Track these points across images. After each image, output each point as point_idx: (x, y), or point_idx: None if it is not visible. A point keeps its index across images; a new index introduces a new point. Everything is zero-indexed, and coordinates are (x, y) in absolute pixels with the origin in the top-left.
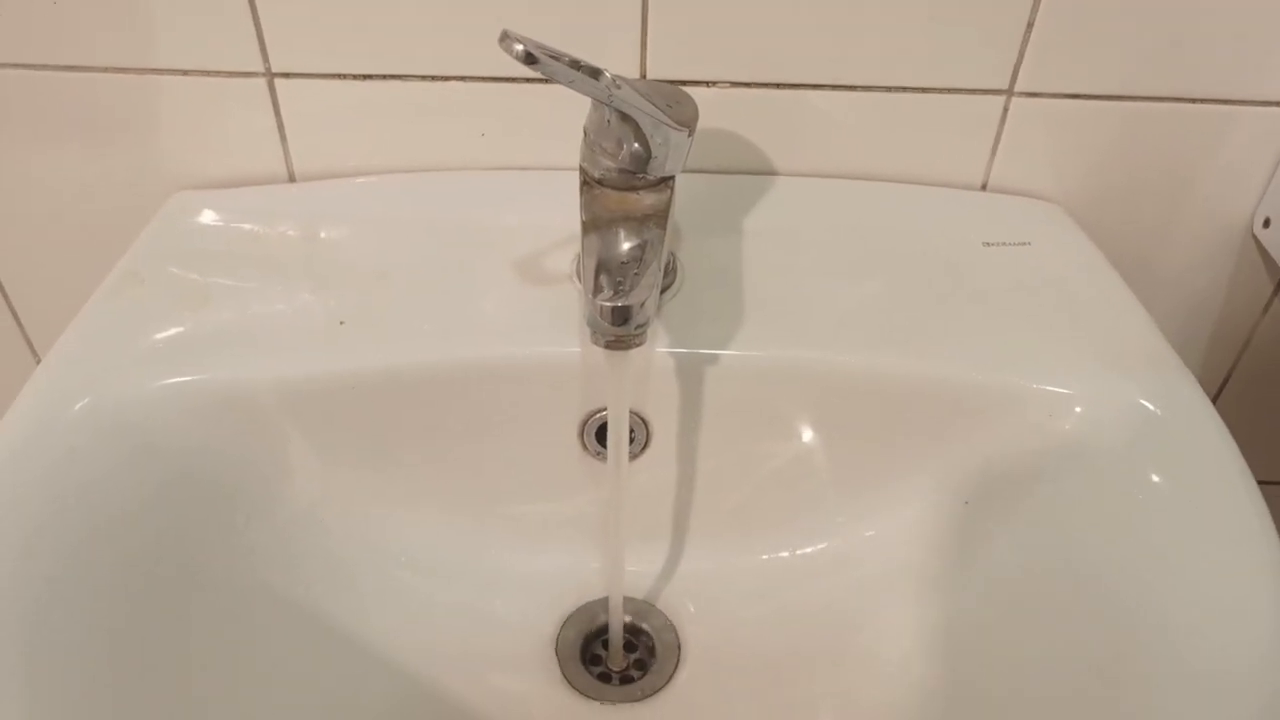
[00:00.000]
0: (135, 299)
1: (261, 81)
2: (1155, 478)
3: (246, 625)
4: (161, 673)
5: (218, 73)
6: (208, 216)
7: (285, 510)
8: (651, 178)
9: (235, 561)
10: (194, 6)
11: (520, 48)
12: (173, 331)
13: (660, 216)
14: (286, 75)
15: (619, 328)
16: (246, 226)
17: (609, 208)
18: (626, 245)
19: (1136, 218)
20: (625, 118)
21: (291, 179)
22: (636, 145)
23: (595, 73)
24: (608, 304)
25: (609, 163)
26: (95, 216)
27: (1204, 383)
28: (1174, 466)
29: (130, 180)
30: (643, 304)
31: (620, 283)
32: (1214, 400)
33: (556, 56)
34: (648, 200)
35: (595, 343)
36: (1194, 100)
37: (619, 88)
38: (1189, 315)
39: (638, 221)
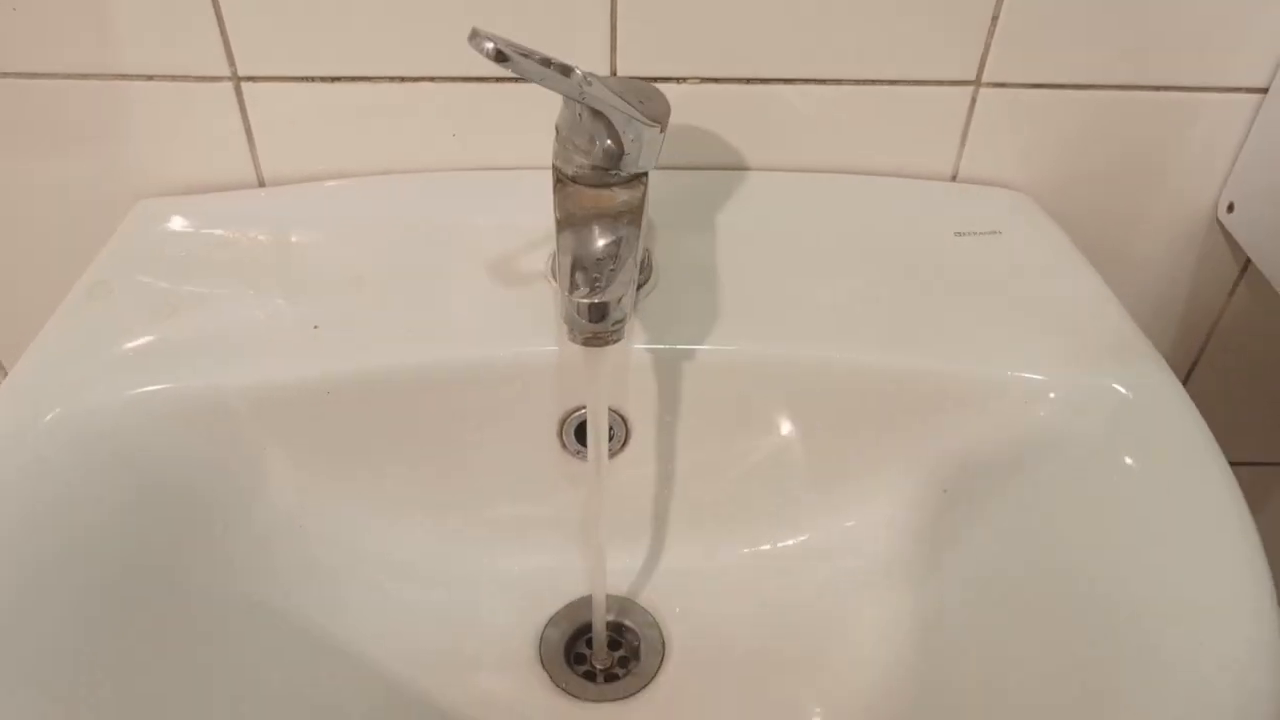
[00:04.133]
0: (103, 308)
1: (228, 85)
2: (1129, 461)
3: (225, 634)
4: (138, 684)
5: (183, 77)
6: (176, 223)
7: (263, 518)
8: (624, 174)
9: (213, 570)
10: (157, 10)
11: (490, 45)
12: (143, 340)
13: (634, 213)
14: (253, 79)
15: (596, 324)
16: (216, 232)
17: (583, 205)
18: (601, 242)
19: (1104, 205)
20: (597, 115)
21: (260, 184)
22: (609, 142)
23: (566, 70)
24: (584, 301)
25: (582, 160)
26: (59, 225)
27: (1173, 366)
28: (1147, 450)
29: (95, 188)
30: (619, 300)
31: (596, 279)
32: (1183, 383)
33: (527, 54)
34: (621, 197)
35: (572, 340)
36: (1159, 88)
37: (590, 84)
38: (1157, 300)
39: (612, 218)
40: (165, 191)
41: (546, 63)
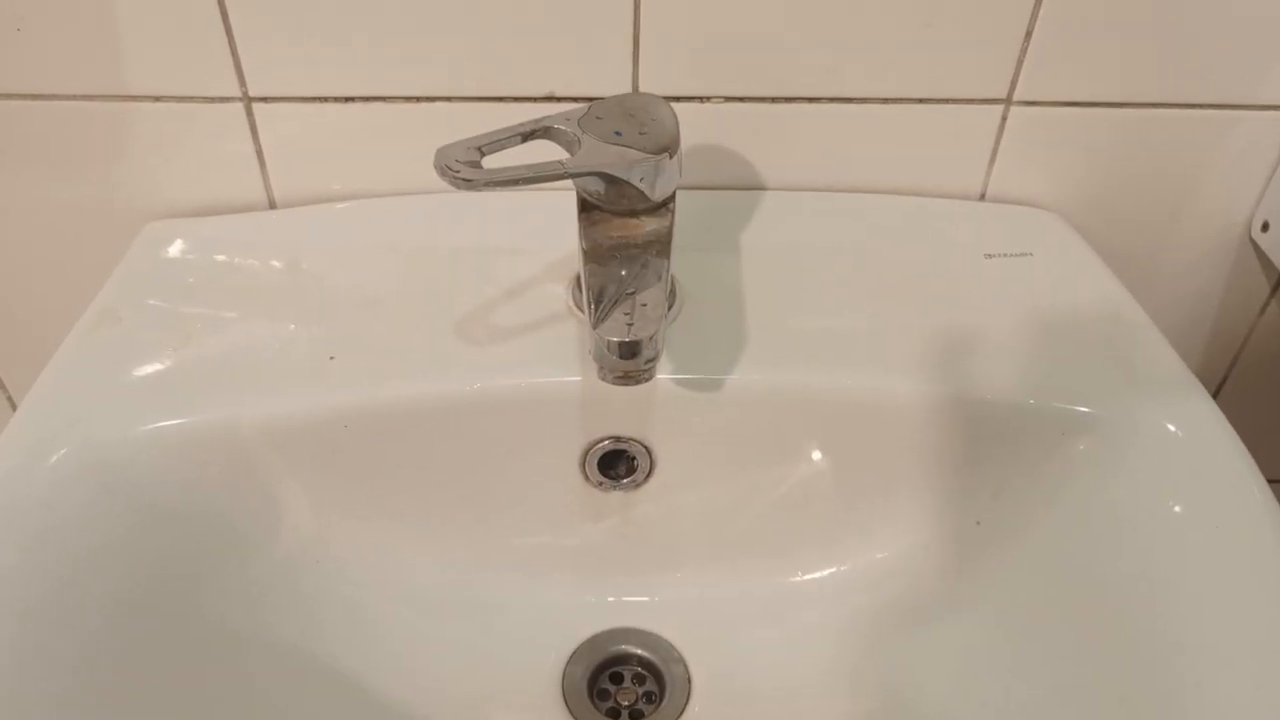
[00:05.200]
0: (113, 338)
1: (239, 106)
2: (1173, 499)
3: (244, 670)
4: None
5: (192, 98)
6: (185, 247)
7: (281, 551)
8: (649, 203)
9: (229, 605)
10: (166, 30)
11: (456, 177)
12: (154, 371)
13: (663, 242)
14: (265, 99)
15: (628, 362)
16: (227, 257)
17: (610, 235)
18: (630, 275)
19: (1135, 223)
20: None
21: (272, 206)
22: (617, 188)
23: (539, 167)
24: (615, 339)
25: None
26: (67, 250)
27: (1202, 382)
28: (1193, 487)
29: (103, 211)
30: (651, 337)
31: (627, 315)
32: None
33: (492, 178)
34: (649, 225)
35: (602, 378)
36: (1192, 106)
37: (569, 161)
38: (1187, 317)
39: (640, 248)
40: (174, 214)
41: (515, 176)
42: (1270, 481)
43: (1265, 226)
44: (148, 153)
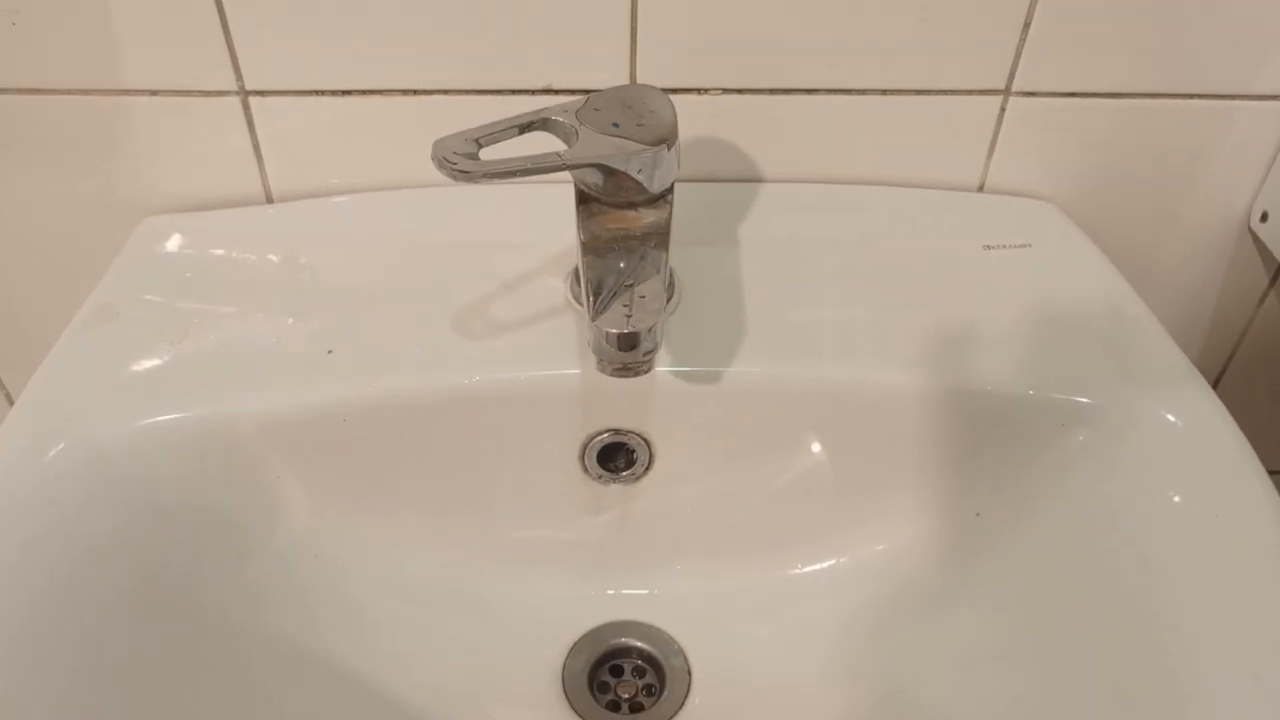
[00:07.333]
0: (110, 333)
1: (235, 100)
2: (1173, 489)
3: (242, 665)
4: (152, 716)
5: (189, 92)
6: (182, 242)
7: (279, 547)
8: (648, 193)
9: (229, 600)
10: (162, 24)
11: (454, 169)
12: (151, 366)
13: (661, 234)
14: (261, 93)
15: (626, 354)
16: (224, 251)
17: (608, 226)
18: (629, 267)
19: (1134, 214)
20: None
21: (269, 200)
22: (614, 180)
23: (536, 159)
24: (614, 330)
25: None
26: (64, 245)
27: (1201, 373)
28: (1192, 478)
29: (99, 206)
30: (650, 330)
31: (625, 307)
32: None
33: (490, 170)
34: (648, 218)
35: (601, 370)
36: (1190, 96)
37: (566, 151)
38: (1185, 308)
39: (638, 240)
40: (172, 208)
41: (510, 170)
42: (1271, 473)
43: (1264, 217)
44: (145, 147)
